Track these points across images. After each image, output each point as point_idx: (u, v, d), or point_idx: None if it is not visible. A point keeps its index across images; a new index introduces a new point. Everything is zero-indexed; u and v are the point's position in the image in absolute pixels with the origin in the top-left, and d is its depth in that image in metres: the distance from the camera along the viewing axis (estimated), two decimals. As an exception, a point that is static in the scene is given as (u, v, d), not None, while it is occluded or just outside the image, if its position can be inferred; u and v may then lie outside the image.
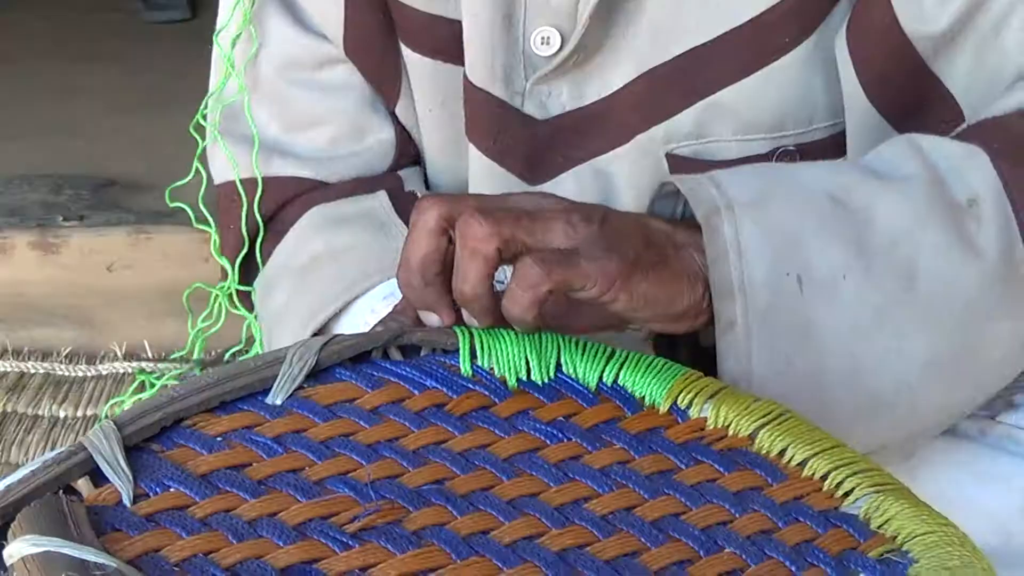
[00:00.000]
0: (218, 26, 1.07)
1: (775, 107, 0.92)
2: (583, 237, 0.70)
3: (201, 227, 1.10)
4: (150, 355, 1.71)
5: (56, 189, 1.90)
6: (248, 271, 1.10)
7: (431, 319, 0.73)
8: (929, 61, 0.88)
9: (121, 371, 1.69)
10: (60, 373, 1.70)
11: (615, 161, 0.97)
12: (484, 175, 0.99)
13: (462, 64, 0.98)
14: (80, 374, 1.70)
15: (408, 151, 1.08)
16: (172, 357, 1.57)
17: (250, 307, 1.11)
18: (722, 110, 0.93)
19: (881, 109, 0.90)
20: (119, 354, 1.72)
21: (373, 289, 0.98)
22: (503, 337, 0.70)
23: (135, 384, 1.51)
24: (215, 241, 1.08)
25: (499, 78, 0.96)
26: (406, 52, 1.03)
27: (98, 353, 1.74)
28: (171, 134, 1.09)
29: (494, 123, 0.98)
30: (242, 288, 1.10)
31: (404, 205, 1.03)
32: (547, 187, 0.99)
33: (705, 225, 0.74)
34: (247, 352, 1.21)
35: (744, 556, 0.60)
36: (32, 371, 1.70)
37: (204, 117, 1.08)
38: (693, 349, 0.81)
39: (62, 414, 1.62)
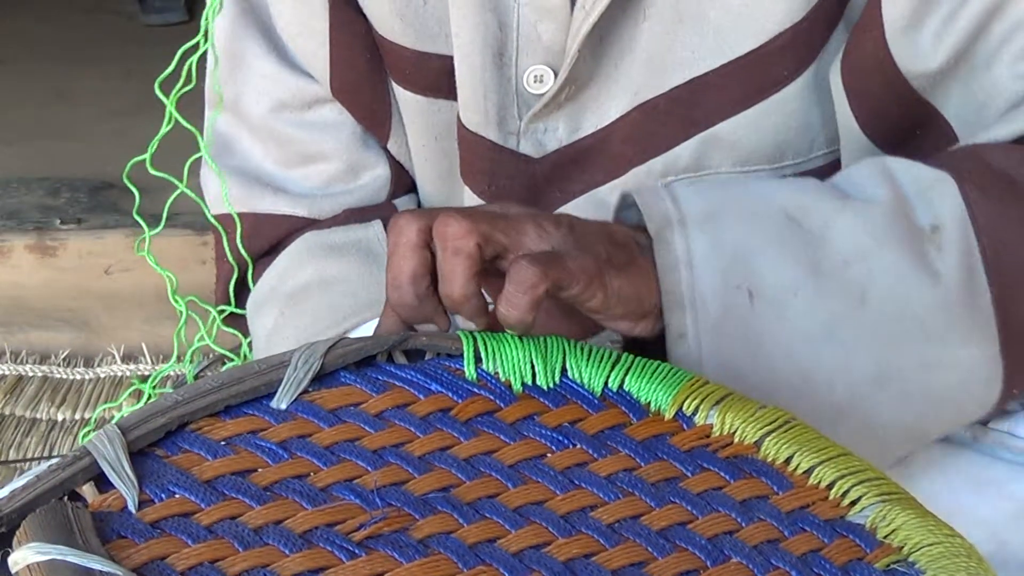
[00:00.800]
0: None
1: (775, 138, 0.92)
2: (555, 239, 0.72)
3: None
4: (148, 358, 1.70)
5: (53, 192, 1.89)
6: (241, 295, 1.10)
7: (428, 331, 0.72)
8: (924, 93, 0.89)
9: (119, 374, 1.69)
10: (58, 376, 1.69)
11: (613, 193, 0.96)
12: None
13: (454, 99, 0.98)
14: (78, 377, 1.69)
15: (404, 183, 1.07)
16: (165, 369, 1.56)
17: (244, 330, 1.11)
18: (721, 142, 0.92)
19: (875, 139, 0.91)
20: (117, 357, 1.72)
21: (364, 324, 0.98)
22: (508, 341, 0.70)
23: (129, 390, 1.50)
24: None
25: (493, 121, 0.95)
26: (397, 90, 1.02)
27: (96, 356, 1.73)
28: (168, 137, 1.09)
29: (489, 167, 0.97)
30: (237, 311, 1.10)
31: None
32: None
33: (657, 238, 0.75)
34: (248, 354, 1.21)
35: (751, 566, 0.60)
36: (30, 374, 1.69)
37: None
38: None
39: (60, 417, 1.62)
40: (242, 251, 1.05)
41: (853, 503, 0.64)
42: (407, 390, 0.66)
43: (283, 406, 0.63)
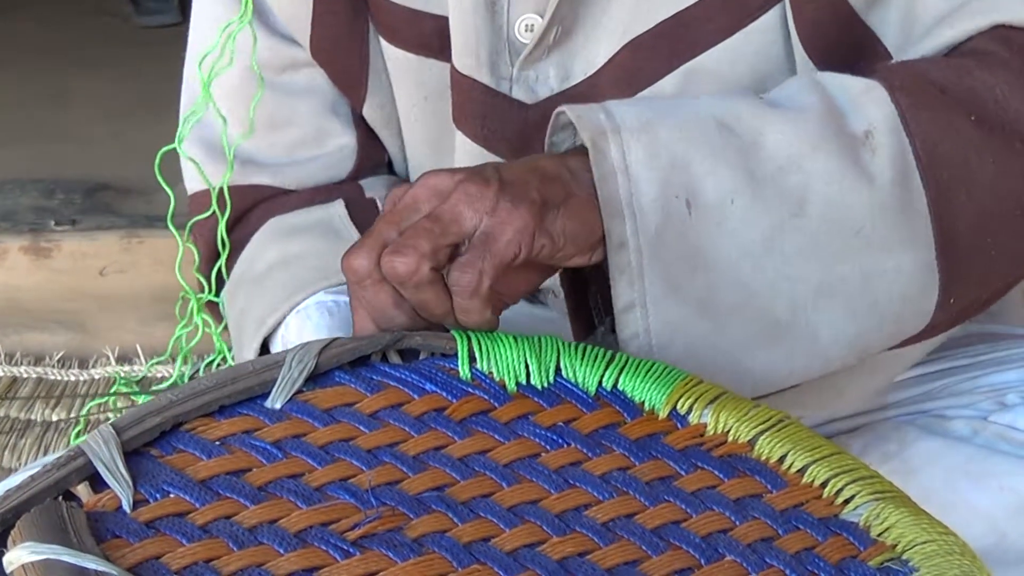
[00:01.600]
0: (193, 47, 1.06)
1: (755, 68, 0.92)
2: (488, 201, 0.71)
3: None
4: (143, 359, 1.70)
5: (48, 193, 1.89)
6: (222, 282, 1.10)
7: None
8: (861, 13, 0.89)
9: (113, 375, 1.68)
10: (52, 378, 1.69)
11: None
12: (472, 161, 0.99)
13: (446, 60, 0.98)
14: (72, 378, 1.69)
15: (372, 156, 1.07)
16: (157, 361, 1.56)
17: (220, 317, 1.11)
18: (704, 74, 0.93)
19: (817, 63, 0.91)
20: (111, 358, 1.71)
21: (322, 292, 0.98)
22: (502, 341, 0.70)
23: (113, 387, 1.50)
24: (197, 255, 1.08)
25: (485, 64, 0.96)
26: (388, 49, 1.02)
27: (90, 357, 1.73)
28: (163, 138, 1.09)
29: (482, 110, 0.97)
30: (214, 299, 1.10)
31: (363, 213, 1.02)
32: None
33: (592, 147, 0.75)
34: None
35: (745, 564, 0.60)
36: (24, 376, 1.69)
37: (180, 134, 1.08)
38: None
39: (55, 418, 1.62)
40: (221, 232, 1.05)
41: (847, 501, 0.65)
42: (401, 390, 0.66)
43: (277, 406, 0.63)
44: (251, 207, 1.05)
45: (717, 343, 0.75)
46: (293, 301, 0.98)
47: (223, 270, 1.07)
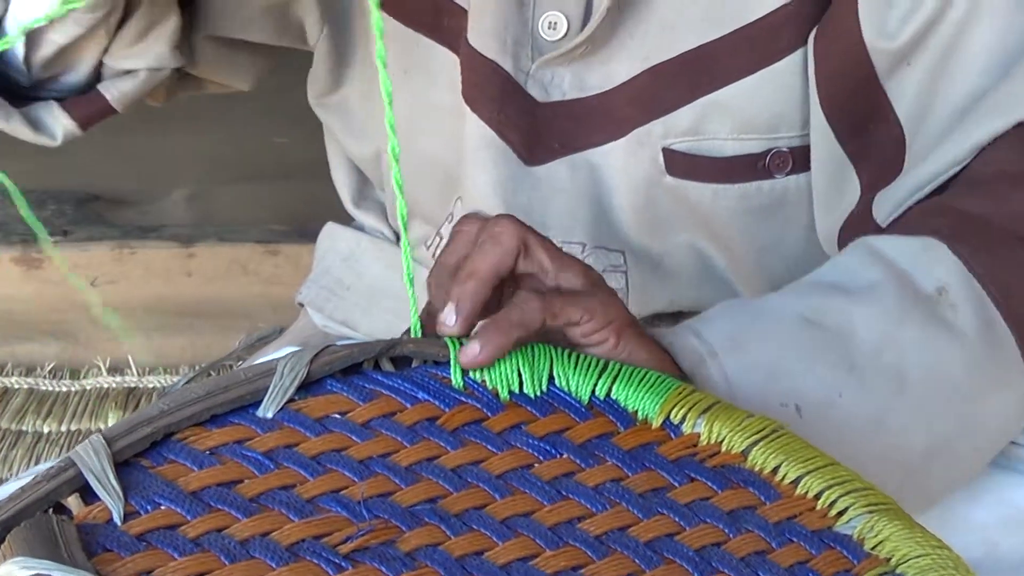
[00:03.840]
0: None
1: (771, 108, 0.94)
2: (589, 280, 0.74)
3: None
4: (134, 370, 1.69)
5: (39, 204, 1.88)
6: None
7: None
8: (882, 77, 0.89)
9: (105, 386, 1.68)
10: (44, 388, 1.69)
11: (611, 153, 0.98)
12: (483, 145, 0.99)
13: (436, 38, 0.99)
14: (64, 389, 1.68)
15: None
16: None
17: None
18: (721, 108, 0.94)
19: (831, 121, 0.92)
20: (103, 369, 1.71)
21: None
22: (495, 349, 0.70)
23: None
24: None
25: (509, 52, 0.96)
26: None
27: (82, 368, 1.73)
28: (155, 149, 1.08)
29: (499, 95, 0.98)
30: None
31: None
32: (542, 171, 1.00)
33: (694, 376, 0.76)
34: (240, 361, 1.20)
35: (739, 578, 0.60)
36: (16, 386, 1.69)
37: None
38: None
39: (46, 429, 1.61)
40: None
41: (840, 513, 0.64)
42: (394, 398, 0.66)
43: (269, 415, 0.62)
44: None
45: None
46: None
47: None
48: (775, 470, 0.66)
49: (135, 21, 0.91)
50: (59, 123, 0.96)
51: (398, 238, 1.18)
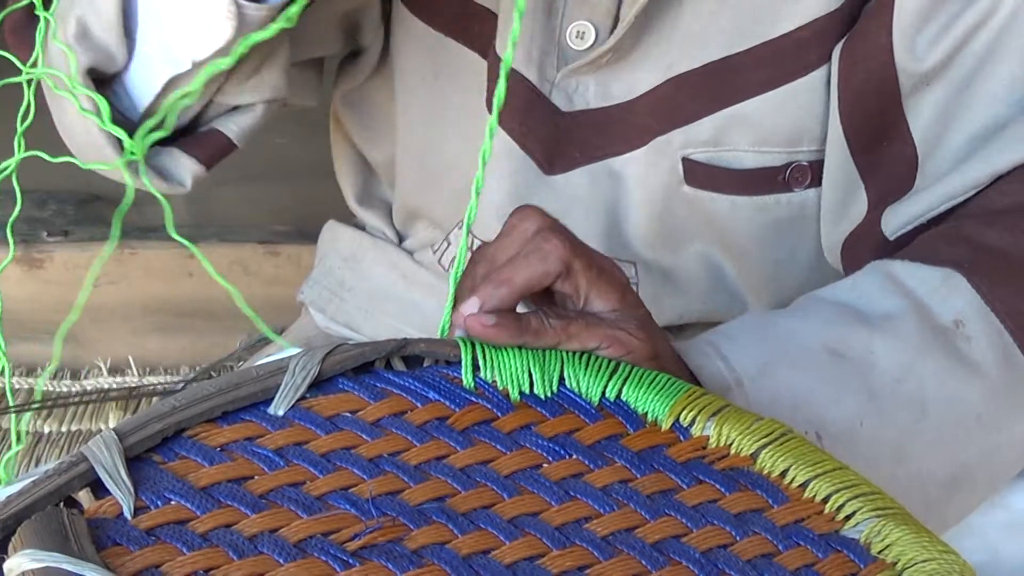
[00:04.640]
0: None
1: (794, 122, 0.94)
2: (622, 300, 0.74)
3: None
4: (135, 371, 1.69)
5: (40, 204, 1.88)
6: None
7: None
8: (904, 96, 0.89)
9: (106, 387, 1.68)
10: (44, 389, 1.69)
11: (630, 162, 0.98)
12: (503, 154, 0.99)
13: (465, 43, 0.99)
14: (64, 390, 1.68)
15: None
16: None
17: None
18: (742, 120, 0.94)
19: (848, 135, 0.92)
20: (104, 369, 1.71)
21: None
22: (506, 350, 0.70)
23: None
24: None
25: (535, 62, 0.97)
26: (411, 21, 1.02)
27: (82, 369, 1.72)
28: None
29: (523, 105, 0.98)
30: None
31: None
32: (561, 181, 1.00)
33: None
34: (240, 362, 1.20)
35: (745, 580, 0.60)
36: (16, 387, 1.69)
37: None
38: None
39: (46, 430, 1.61)
40: None
41: (848, 517, 0.64)
42: (404, 398, 0.66)
43: (280, 412, 0.63)
44: None
45: None
46: None
47: None
48: (783, 473, 0.66)
49: (252, 57, 0.89)
50: (185, 168, 0.94)
51: (400, 239, 1.18)
